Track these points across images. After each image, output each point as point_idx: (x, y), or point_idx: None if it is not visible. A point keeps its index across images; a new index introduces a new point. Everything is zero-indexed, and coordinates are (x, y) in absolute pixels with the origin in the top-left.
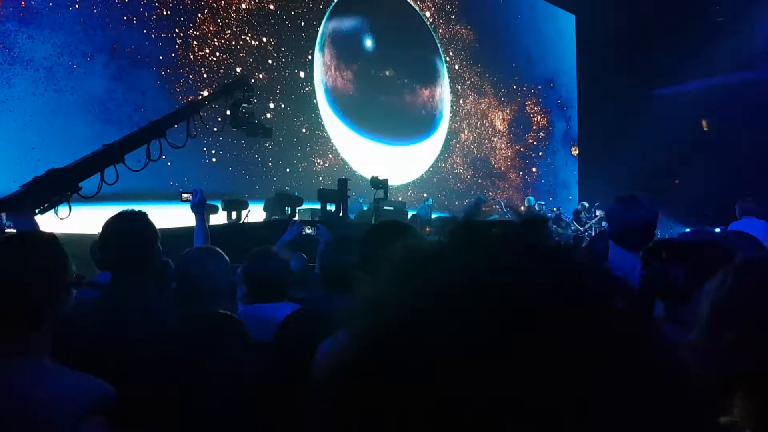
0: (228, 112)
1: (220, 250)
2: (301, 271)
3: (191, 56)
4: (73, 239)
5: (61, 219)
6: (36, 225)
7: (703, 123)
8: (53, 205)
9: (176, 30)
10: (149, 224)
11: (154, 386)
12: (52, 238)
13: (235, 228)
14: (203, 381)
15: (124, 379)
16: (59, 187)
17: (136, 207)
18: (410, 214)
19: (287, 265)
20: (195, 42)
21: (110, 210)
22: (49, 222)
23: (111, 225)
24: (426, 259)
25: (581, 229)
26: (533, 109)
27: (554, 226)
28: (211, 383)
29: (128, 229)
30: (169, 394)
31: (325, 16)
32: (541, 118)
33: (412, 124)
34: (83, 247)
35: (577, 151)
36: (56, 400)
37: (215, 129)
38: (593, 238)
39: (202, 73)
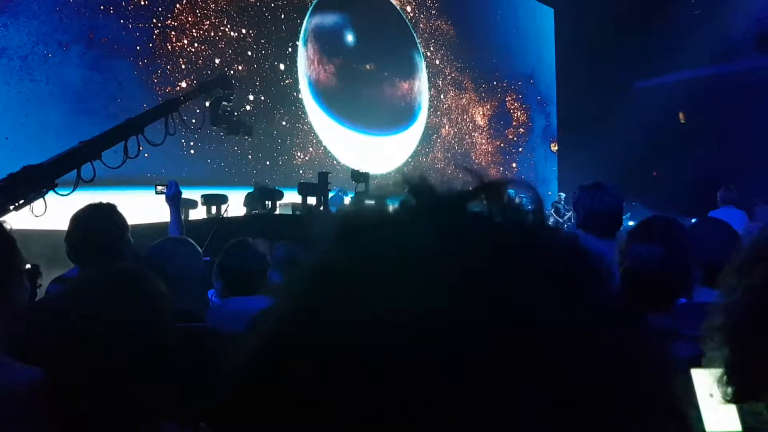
0: (207, 104)
1: (190, 240)
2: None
3: (169, 47)
4: (51, 234)
5: (36, 216)
6: None
7: (681, 115)
8: (28, 201)
9: (154, 20)
10: (118, 216)
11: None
12: None
13: (215, 222)
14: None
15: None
16: (35, 183)
17: (111, 196)
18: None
19: (264, 258)
20: (173, 32)
21: (87, 198)
22: (26, 218)
23: (78, 217)
24: (359, 228)
25: (560, 220)
26: (513, 105)
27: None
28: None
29: (95, 221)
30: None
31: (309, 11)
32: (521, 114)
33: (393, 115)
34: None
35: (556, 147)
36: (6, 394)
37: (193, 121)
38: None
39: (180, 64)
